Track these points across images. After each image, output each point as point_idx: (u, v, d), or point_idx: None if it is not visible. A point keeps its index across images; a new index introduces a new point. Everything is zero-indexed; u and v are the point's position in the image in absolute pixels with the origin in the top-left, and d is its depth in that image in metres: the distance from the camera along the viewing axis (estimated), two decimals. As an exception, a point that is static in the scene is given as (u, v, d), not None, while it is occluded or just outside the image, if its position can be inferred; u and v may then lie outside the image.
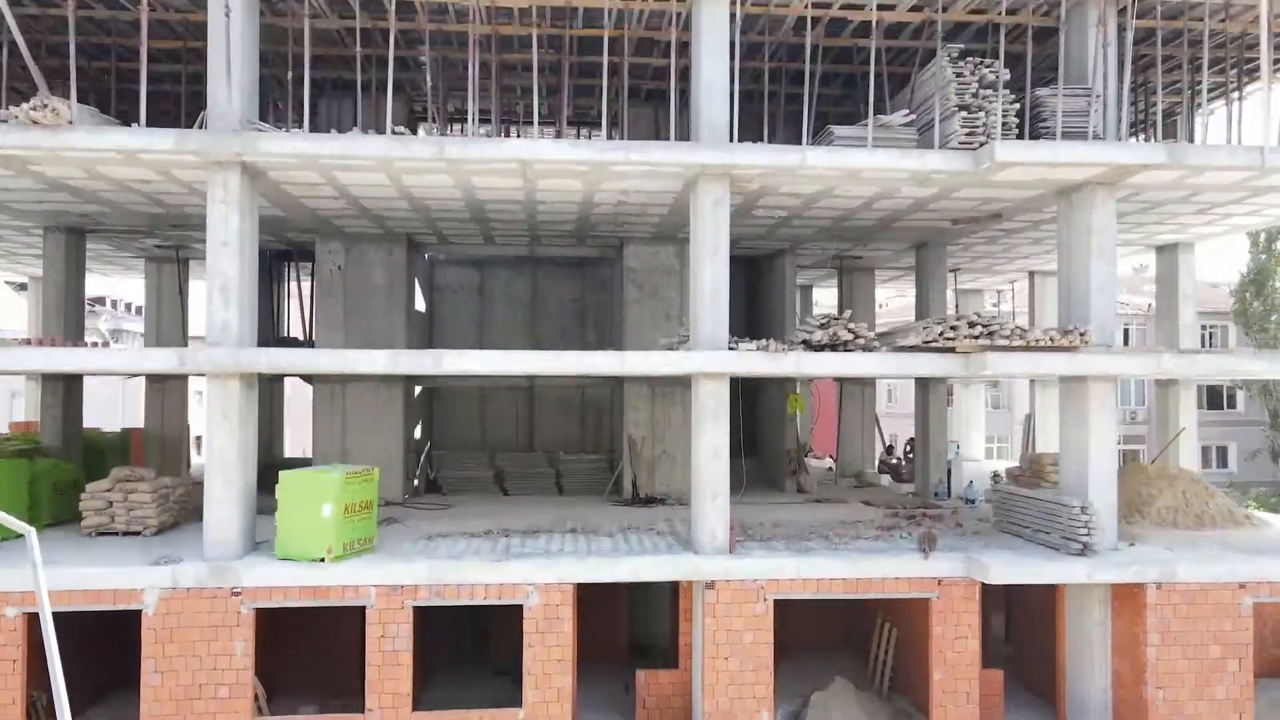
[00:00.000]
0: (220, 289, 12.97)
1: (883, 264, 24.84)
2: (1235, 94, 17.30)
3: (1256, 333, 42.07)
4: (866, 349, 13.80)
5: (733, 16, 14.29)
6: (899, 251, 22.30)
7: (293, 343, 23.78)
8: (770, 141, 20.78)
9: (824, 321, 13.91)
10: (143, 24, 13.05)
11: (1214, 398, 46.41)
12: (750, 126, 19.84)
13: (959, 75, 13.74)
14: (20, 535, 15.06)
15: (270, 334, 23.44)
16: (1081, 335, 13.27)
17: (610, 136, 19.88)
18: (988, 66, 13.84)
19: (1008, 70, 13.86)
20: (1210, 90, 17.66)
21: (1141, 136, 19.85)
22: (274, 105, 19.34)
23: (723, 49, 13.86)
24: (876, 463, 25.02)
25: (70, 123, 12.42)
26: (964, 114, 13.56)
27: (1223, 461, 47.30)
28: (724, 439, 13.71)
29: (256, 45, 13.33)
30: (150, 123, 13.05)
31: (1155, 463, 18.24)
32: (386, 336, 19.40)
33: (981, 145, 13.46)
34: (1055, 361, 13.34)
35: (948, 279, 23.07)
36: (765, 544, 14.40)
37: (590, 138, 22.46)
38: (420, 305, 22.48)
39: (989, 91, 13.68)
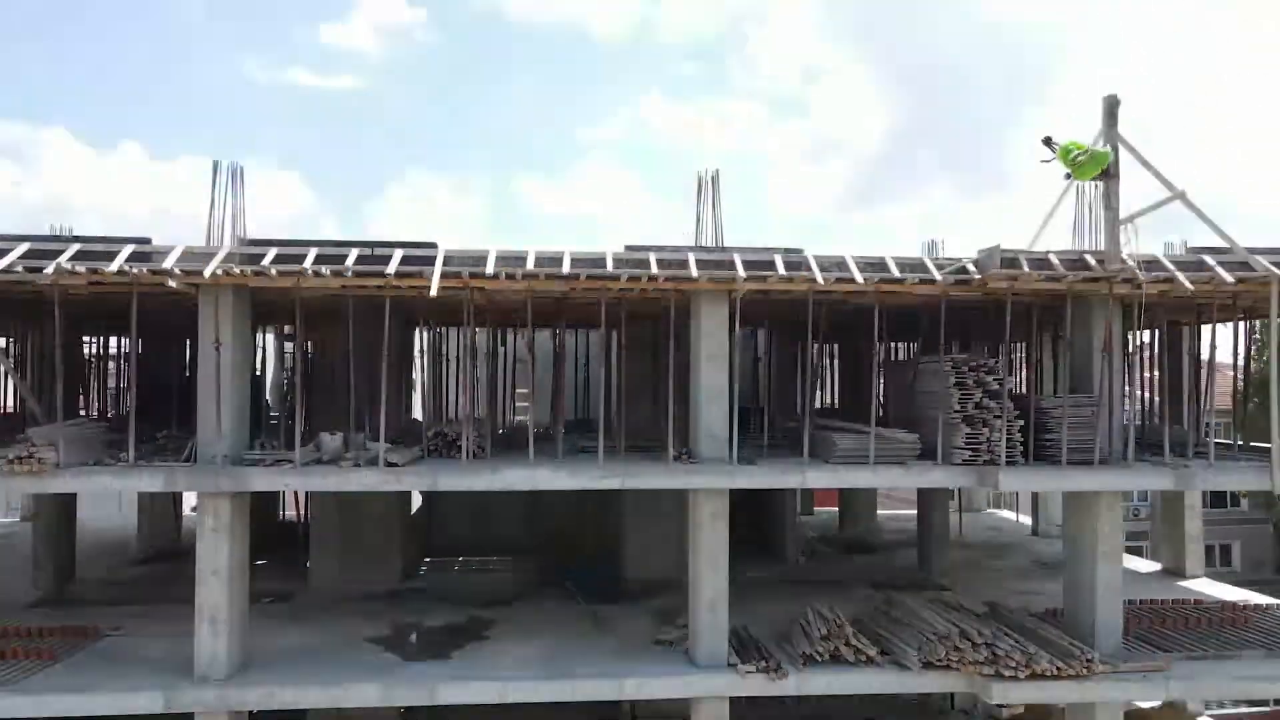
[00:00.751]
0: (209, 620, 12.72)
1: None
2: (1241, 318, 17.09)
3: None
4: (870, 664, 13.53)
5: (732, 304, 14.09)
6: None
7: (290, 529, 23.47)
8: (771, 353, 20.99)
9: (825, 633, 13.65)
10: (132, 384, 12.81)
11: (1218, 497, 46.12)
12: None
13: (961, 385, 13.54)
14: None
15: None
16: (1088, 663, 13.02)
17: (608, 340, 19.63)
18: (989, 372, 13.65)
19: (1011, 379, 13.68)
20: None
21: (1145, 334, 19.65)
22: (269, 316, 19.21)
23: (723, 357, 13.63)
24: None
25: (58, 465, 12.23)
26: (968, 429, 13.34)
27: (1226, 560, 47.01)
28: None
29: (248, 371, 13.16)
30: (144, 329, 12.64)
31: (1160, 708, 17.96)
32: (384, 567, 19.11)
33: (986, 463, 13.27)
34: (1063, 690, 13.09)
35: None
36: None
37: (589, 336, 22.29)
38: (417, 500, 22.24)
39: (993, 403, 13.48)
